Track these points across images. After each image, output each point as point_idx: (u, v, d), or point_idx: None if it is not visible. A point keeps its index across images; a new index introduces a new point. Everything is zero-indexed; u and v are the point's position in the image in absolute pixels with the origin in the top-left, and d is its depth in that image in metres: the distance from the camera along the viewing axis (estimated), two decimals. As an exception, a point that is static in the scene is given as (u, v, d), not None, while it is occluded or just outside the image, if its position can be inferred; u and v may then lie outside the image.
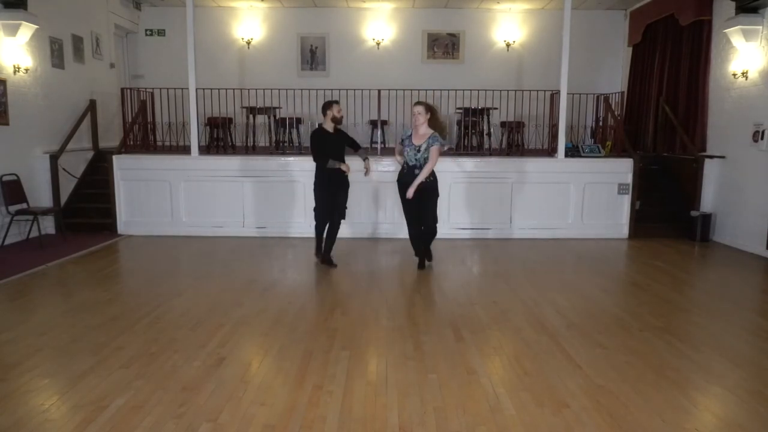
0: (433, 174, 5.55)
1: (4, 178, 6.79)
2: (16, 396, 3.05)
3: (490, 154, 8.28)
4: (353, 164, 5.90)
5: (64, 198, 7.84)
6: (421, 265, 5.91)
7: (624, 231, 7.74)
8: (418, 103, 5.63)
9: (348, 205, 5.96)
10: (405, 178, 5.59)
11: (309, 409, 2.93)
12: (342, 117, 5.80)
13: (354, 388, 3.16)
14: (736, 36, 7.11)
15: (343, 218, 5.90)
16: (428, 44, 10.86)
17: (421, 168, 5.47)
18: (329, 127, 5.72)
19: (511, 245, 7.24)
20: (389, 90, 8.75)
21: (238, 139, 9.72)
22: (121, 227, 7.70)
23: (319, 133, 5.74)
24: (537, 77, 10.39)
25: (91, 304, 4.65)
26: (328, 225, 5.89)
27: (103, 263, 6.19)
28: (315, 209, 5.93)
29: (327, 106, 5.71)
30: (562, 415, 2.88)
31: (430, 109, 5.58)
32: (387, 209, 7.66)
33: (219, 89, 8.49)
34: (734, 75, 7.37)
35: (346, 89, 8.93)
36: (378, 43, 10.80)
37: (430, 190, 5.57)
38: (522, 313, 4.54)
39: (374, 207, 7.67)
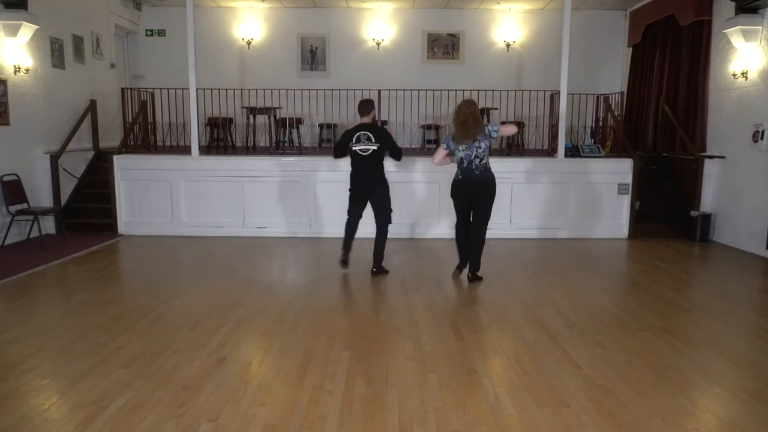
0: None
1: (5, 178, 6.79)
2: (17, 396, 3.05)
3: (490, 154, 8.24)
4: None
5: (64, 198, 7.84)
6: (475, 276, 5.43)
7: (624, 231, 7.74)
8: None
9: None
10: (473, 175, 5.18)
11: (309, 409, 2.93)
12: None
13: (354, 388, 3.16)
14: (735, 36, 7.11)
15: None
16: (428, 44, 10.86)
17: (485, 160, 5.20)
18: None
19: (511, 245, 7.24)
20: (389, 90, 8.76)
21: (238, 140, 9.73)
22: (122, 227, 7.70)
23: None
24: (537, 77, 10.40)
25: (91, 304, 4.65)
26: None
27: (104, 263, 6.20)
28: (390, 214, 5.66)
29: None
30: (562, 415, 2.89)
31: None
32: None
33: (219, 89, 8.50)
34: (734, 75, 7.37)
35: (346, 89, 8.93)
36: (378, 44, 10.81)
37: (493, 183, 5.27)
38: (522, 313, 4.54)
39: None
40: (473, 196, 5.27)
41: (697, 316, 4.58)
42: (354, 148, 5.45)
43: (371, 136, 5.42)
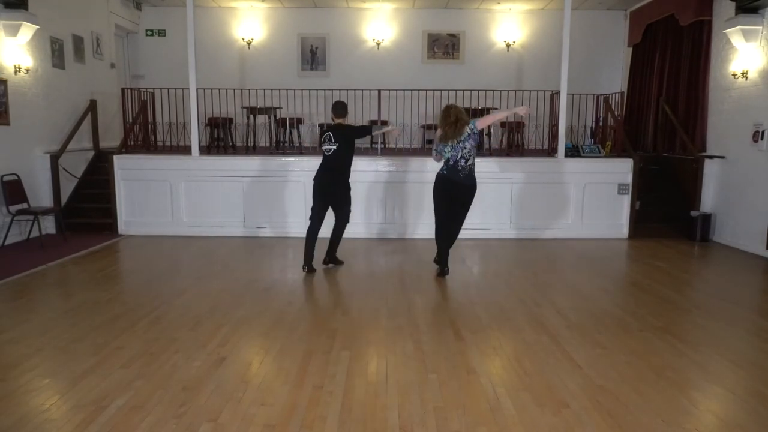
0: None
1: (5, 178, 6.79)
2: (17, 396, 3.05)
3: (490, 154, 8.27)
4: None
5: (64, 198, 7.84)
6: (444, 272, 5.61)
7: (624, 231, 7.74)
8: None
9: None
10: (458, 176, 5.27)
11: (309, 409, 2.93)
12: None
13: (354, 388, 3.16)
14: (736, 36, 7.11)
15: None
16: (428, 44, 10.86)
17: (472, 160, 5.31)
18: None
19: (511, 245, 7.24)
20: (389, 90, 8.75)
21: (239, 139, 9.73)
22: (122, 227, 7.70)
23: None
24: (537, 77, 10.40)
25: (91, 304, 4.65)
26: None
27: (104, 263, 6.19)
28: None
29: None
30: (562, 415, 2.89)
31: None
32: (387, 209, 7.66)
33: (219, 89, 8.49)
34: (734, 75, 7.37)
35: (347, 89, 8.92)
36: (378, 44, 10.81)
37: (474, 188, 5.44)
38: (522, 313, 4.54)
39: (374, 207, 7.67)
40: (458, 197, 5.37)
41: (697, 316, 4.58)
42: (322, 147, 5.66)
43: (332, 136, 5.52)
